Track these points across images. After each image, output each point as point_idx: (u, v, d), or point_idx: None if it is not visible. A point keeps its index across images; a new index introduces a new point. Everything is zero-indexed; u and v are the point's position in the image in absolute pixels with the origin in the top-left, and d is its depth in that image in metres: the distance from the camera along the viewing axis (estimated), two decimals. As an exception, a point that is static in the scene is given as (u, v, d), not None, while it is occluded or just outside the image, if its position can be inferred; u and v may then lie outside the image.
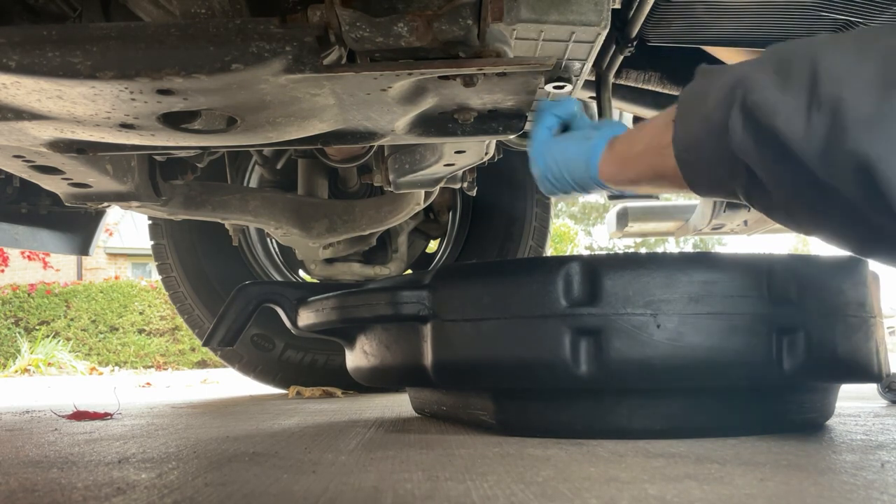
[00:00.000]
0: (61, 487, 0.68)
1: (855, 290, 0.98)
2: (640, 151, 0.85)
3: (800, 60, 0.67)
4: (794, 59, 0.68)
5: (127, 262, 13.87)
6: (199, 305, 2.34)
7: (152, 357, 9.49)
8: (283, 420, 1.35)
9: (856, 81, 0.63)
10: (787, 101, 0.67)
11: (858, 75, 0.63)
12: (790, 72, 0.68)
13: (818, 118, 0.64)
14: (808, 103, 0.65)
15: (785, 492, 0.59)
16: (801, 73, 0.67)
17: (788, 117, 0.66)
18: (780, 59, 0.70)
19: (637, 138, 0.87)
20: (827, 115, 0.64)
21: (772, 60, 0.71)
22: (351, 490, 0.64)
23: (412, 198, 1.85)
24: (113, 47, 0.75)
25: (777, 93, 0.68)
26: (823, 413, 1.06)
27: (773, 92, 0.68)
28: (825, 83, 0.64)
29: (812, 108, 0.65)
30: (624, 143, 0.89)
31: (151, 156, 1.38)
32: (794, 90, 0.67)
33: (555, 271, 0.94)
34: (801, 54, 0.68)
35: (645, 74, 1.57)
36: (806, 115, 0.65)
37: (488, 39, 0.84)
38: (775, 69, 0.69)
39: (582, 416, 0.96)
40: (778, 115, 0.67)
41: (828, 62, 0.65)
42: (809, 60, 0.67)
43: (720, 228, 2.41)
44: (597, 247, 16.26)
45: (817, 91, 0.65)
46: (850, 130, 0.62)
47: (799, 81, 0.67)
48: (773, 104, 0.67)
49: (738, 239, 8.19)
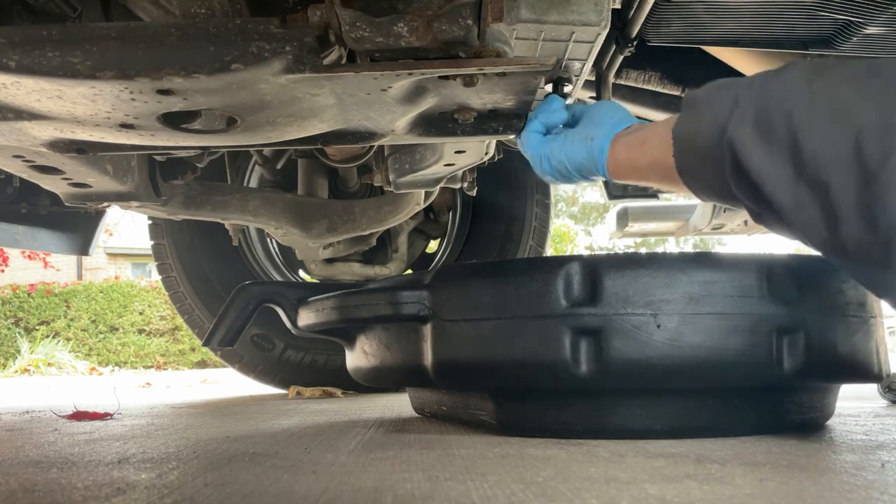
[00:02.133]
0: (61, 487, 0.68)
1: (855, 290, 0.98)
2: (646, 164, 0.86)
3: (780, 127, 0.69)
4: (773, 122, 0.70)
5: (127, 262, 13.87)
6: (199, 305, 2.34)
7: (152, 357, 9.49)
8: (283, 420, 1.35)
9: (837, 166, 0.65)
10: (775, 171, 0.70)
11: (838, 160, 0.65)
12: (771, 136, 0.70)
13: (810, 197, 0.67)
14: (795, 176, 0.68)
15: (785, 492, 0.59)
16: (782, 143, 0.69)
17: (780, 189, 0.69)
18: (757, 113, 0.71)
19: (641, 152, 0.87)
20: (818, 197, 0.67)
21: (750, 112, 0.72)
22: (351, 490, 0.64)
23: (412, 198, 1.85)
24: (113, 47, 0.75)
25: (763, 159, 0.70)
26: (823, 413, 1.06)
27: (760, 157, 0.70)
28: (809, 163, 0.67)
29: (801, 184, 0.68)
30: (628, 151, 0.89)
31: (151, 156, 1.38)
32: (780, 161, 0.69)
33: (555, 271, 0.94)
34: (780, 119, 0.69)
35: (645, 74, 1.58)
36: (794, 188, 0.68)
37: (488, 39, 0.84)
38: (755, 126, 0.71)
39: (582, 417, 0.96)
40: (766, 183, 0.70)
41: (810, 144, 0.67)
42: (789, 133, 0.68)
43: (720, 228, 2.42)
44: (597, 247, 16.26)
45: (803, 170, 0.67)
46: (844, 222, 0.65)
47: (779, 146, 0.69)
48: (761, 172, 0.70)
49: (738, 239, 8.19)
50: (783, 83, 0.71)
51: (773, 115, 0.70)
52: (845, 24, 1.22)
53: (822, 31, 1.26)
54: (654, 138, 0.85)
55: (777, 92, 0.71)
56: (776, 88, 0.71)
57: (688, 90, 0.83)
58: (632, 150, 0.88)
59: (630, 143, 0.89)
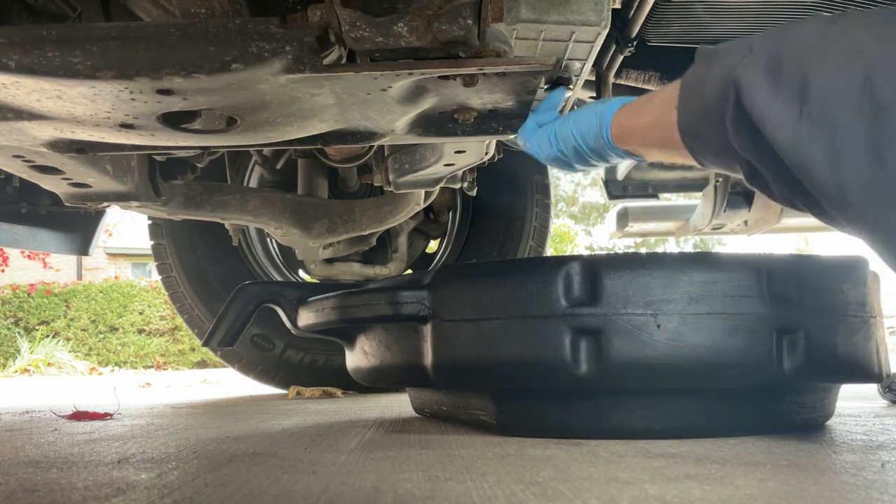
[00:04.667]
0: (61, 487, 0.68)
1: (855, 290, 0.98)
2: (648, 123, 0.85)
3: (790, 65, 0.68)
4: (783, 62, 0.69)
5: (127, 262, 13.86)
6: (199, 305, 2.34)
7: (152, 357, 9.49)
8: (283, 420, 1.35)
9: (846, 103, 0.64)
10: (781, 110, 0.68)
11: (848, 96, 0.64)
12: (780, 75, 0.69)
13: (811, 133, 0.66)
14: (799, 111, 0.67)
15: (785, 492, 0.59)
16: (791, 81, 0.68)
17: (781, 126, 0.68)
18: (769, 58, 0.70)
19: (644, 110, 0.86)
20: (822, 133, 0.65)
21: (762, 56, 0.71)
22: (351, 490, 0.64)
23: (412, 198, 1.85)
24: (113, 47, 0.75)
25: (769, 96, 0.69)
26: (823, 413, 1.06)
27: (766, 97, 0.69)
28: (816, 100, 0.66)
29: (803, 119, 0.66)
30: (632, 112, 0.89)
31: (151, 156, 1.38)
32: (786, 97, 0.68)
33: (555, 271, 0.94)
34: (791, 59, 0.69)
35: (645, 74, 1.57)
36: (796, 125, 0.67)
37: (488, 39, 0.84)
38: (766, 68, 0.70)
39: (582, 417, 0.96)
40: (768, 121, 0.68)
41: (818, 79, 0.66)
42: (798, 69, 0.68)
43: (720, 228, 2.41)
44: (597, 247, 16.26)
45: (810, 106, 0.66)
46: (850, 161, 0.64)
47: (787, 84, 0.68)
48: (764, 110, 0.69)
49: (738, 239, 8.19)
50: (798, 29, 0.71)
51: (784, 56, 0.69)
52: (845, 23, 1.22)
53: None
54: (660, 95, 0.85)
55: (791, 37, 0.70)
56: (791, 34, 0.70)
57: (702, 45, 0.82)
58: (636, 110, 0.88)
59: (636, 104, 0.88)
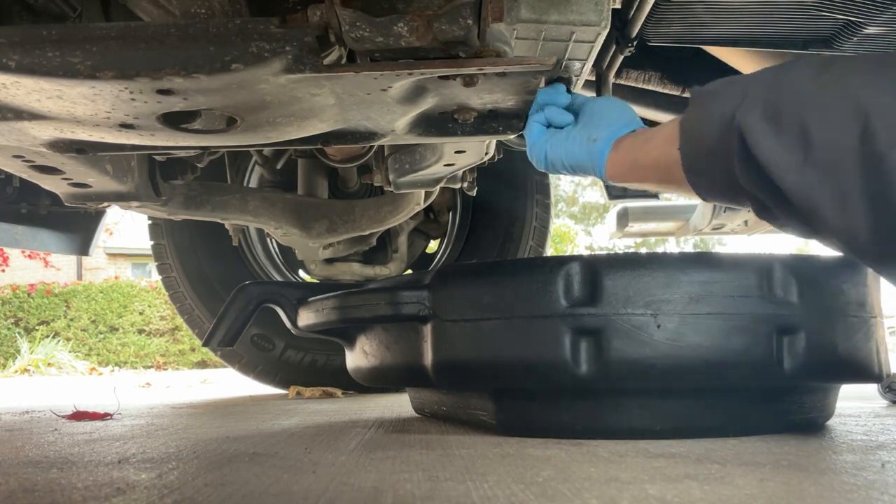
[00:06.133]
0: (61, 487, 0.68)
1: (855, 290, 0.98)
2: (649, 163, 0.86)
3: (789, 114, 0.69)
4: (782, 110, 0.70)
5: (127, 262, 13.87)
6: (199, 305, 2.34)
7: (152, 357, 9.49)
8: (283, 420, 1.35)
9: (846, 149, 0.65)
10: (785, 156, 0.69)
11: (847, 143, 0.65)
12: (780, 121, 0.70)
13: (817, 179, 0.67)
14: (804, 159, 0.68)
15: (785, 492, 0.59)
16: (791, 128, 0.69)
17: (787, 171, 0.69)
18: (766, 103, 0.71)
19: (645, 151, 0.86)
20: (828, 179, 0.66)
21: (759, 102, 0.72)
22: (351, 490, 0.64)
23: (412, 198, 1.85)
24: (113, 47, 0.75)
25: (773, 144, 0.70)
26: (823, 413, 1.06)
27: (769, 144, 0.70)
28: (818, 147, 0.67)
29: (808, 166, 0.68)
30: (629, 152, 0.89)
31: (151, 156, 1.38)
32: (788, 143, 0.69)
33: (555, 271, 0.94)
34: (789, 107, 0.70)
35: (645, 74, 1.58)
36: (801, 170, 0.68)
37: (488, 39, 0.84)
38: (764, 114, 0.71)
39: (582, 417, 0.96)
40: (775, 167, 0.70)
41: (818, 129, 0.67)
42: (797, 118, 0.69)
43: (720, 228, 2.42)
44: (597, 247, 16.25)
45: (813, 154, 0.67)
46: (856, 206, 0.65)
47: (788, 131, 0.69)
48: (770, 156, 0.70)
49: (738, 239, 8.19)
50: (792, 75, 0.72)
51: (781, 104, 0.70)
52: (845, 23, 1.22)
53: (822, 30, 1.26)
54: (658, 137, 0.85)
55: (786, 82, 0.71)
56: (785, 79, 0.72)
57: (694, 86, 0.82)
58: (634, 151, 0.88)
59: (633, 145, 0.88)
